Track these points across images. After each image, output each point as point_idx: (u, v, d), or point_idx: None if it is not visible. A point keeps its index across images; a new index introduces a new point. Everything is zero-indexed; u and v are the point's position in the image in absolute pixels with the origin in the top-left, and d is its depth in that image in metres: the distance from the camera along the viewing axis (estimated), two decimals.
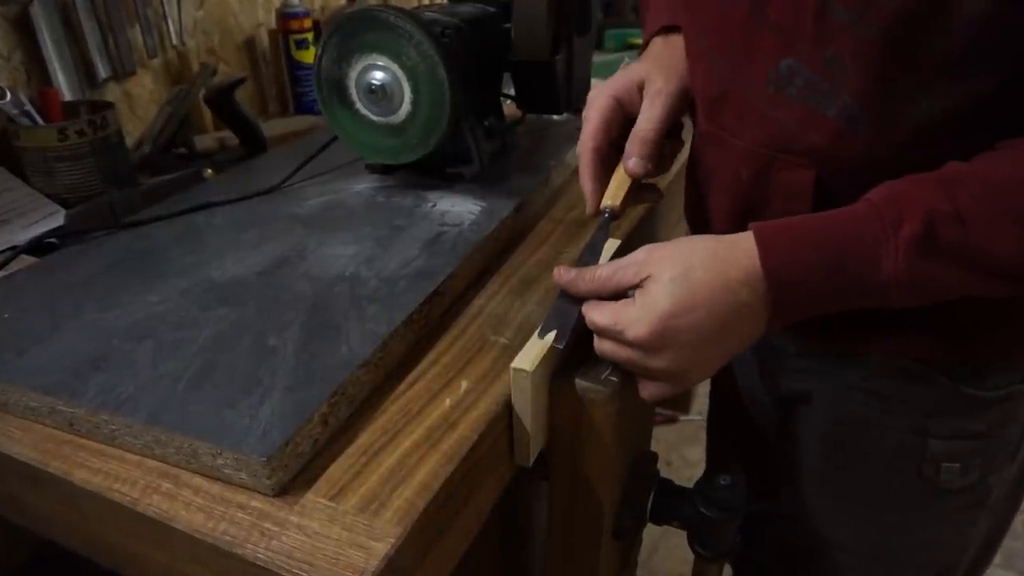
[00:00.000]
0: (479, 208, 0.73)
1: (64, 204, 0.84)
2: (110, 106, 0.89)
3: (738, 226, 0.49)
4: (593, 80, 1.03)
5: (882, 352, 0.57)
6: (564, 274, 0.53)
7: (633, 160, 0.59)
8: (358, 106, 0.74)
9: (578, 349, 0.52)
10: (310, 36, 1.23)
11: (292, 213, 0.74)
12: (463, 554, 0.50)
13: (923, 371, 0.56)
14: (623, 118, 0.61)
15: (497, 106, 0.87)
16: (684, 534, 0.62)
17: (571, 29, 0.84)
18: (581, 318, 0.52)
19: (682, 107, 0.61)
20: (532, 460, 0.54)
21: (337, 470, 0.45)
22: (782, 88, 0.50)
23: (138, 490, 0.45)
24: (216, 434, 0.44)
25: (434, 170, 0.79)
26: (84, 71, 0.99)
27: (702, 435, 0.93)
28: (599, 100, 0.61)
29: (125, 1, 1.02)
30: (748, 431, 0.76)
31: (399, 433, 0.48)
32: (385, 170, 0.81)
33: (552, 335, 0.51)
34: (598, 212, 0.60)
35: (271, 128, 1.08)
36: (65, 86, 0.96)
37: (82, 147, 0.84)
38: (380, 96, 0.72)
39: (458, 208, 0.73)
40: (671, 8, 0.64)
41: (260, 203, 0.77)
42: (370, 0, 1.29)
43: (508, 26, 0.79)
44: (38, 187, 0.85)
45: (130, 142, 0.99)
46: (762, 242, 0.47)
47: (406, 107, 0.72)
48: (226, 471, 0.44)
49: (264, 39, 1.28)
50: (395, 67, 0.70)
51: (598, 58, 1.19)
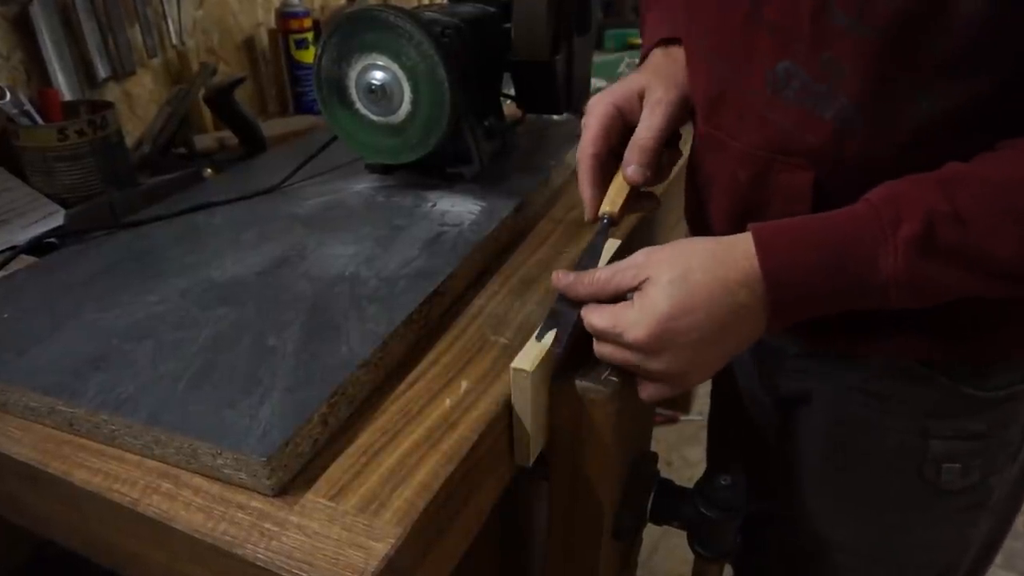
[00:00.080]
0: (479, 208, 0.73)
1: (64, 204, 0.84)
2: (110, 106, 0.89)
3: (738, 228, 0.49)
4: (593, 80, 1.03)
5: (882, 353, 0.57)
6: (562, 278, 0.53)
7: (632, 168, 0.59)
8: (358, 106, 0.74)
9: (578, 349, 0.52)
10: (310, 36, 1.23)
11: (292, 213, 0.74)
12: (463, 554, 0.50)
13: (923, 372, 0.56)
14: (622, 126, 0.61)
15: (497, 106, 0.87)
16: (684, 534, 0.62)
17: (571, 29, 0.84)
18: (579, 321, 0.51)
19: (682, 117, 0.61)
20: (532, 460, 0.54)
21: (337, 470, 0.45)
22: (779, 90, 0.50)
23: (138, 490, 0.45)
24: (216, 434, 0.44)
25: (434, 170, 0.79)
26: (84, 71, 0.99)
27: (702, 435, 0.93)
28: (599, 107, 0.61)
29: (125, 1, 1.02)
30: (748, 431, 0.76)
31: (399, 433, 0.48)
32: (385, 170, 0.81)
33: (550, 338, 0.51)
34: (596, 218, 0.60)
35: (271, 128, 1.08)
36: (65, 86, 0.95)
37: (82, 147, 0.84)
38: (380, 96, 0.72)
39: (458, 208, 0.73)
40: (671, 19, 0.64)
41: (260, 203, 0.77)
42: (370, 0, 1.29)
43: (508, 26, 0.78)
44: (38, 187, 0.85)
45: (130, 142, 0.99)
46: (760, 243, 0.47)
47: (406, 107, 0.72)
48: (226, 471, 0.44)
49: (264, 39, 1.28)
50: (395, 67, 0.70)
51: (598, 58, 1.19)
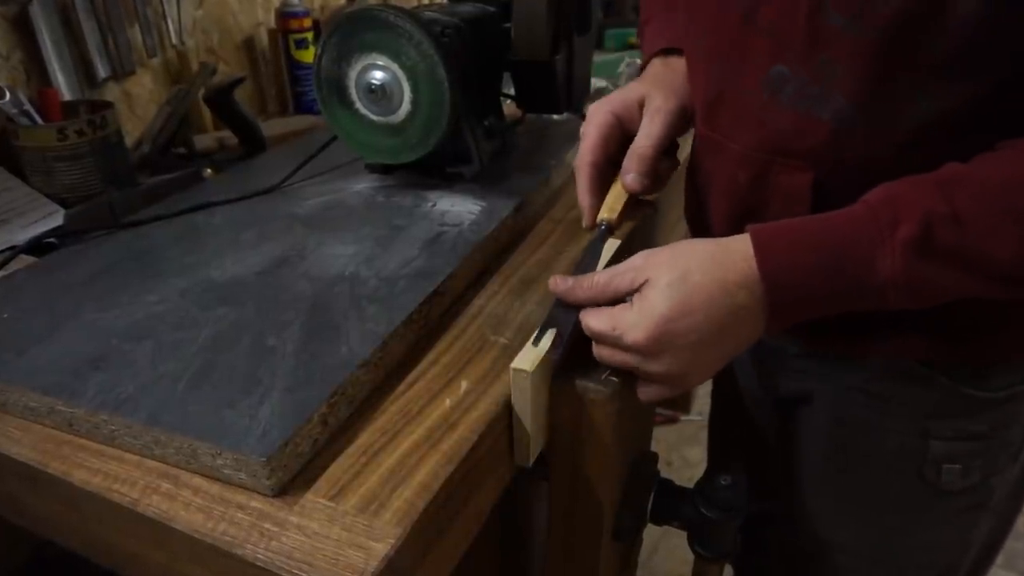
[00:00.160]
0: (479, 208, 0.73)
1: (63, 204, 0.84)
2: (109, 106, 0.89)
3: (738, 229, 0.49)
4: (593, 80, 1.03)
5: (881, 354, 0.57)
6: (560, 283, 0.53)
7: (631, 176, 0.59)
8: (358, 106, 0.74)
9: (578, 350, 0.52)
10: (310, 35, 1.23)
11: (291, 213, 0.74)
12: (463, 554, 0.50)
13: (924, 373, 0.56)
14: (621, 135, 0.61)
15: (497, 106, 0.87)
16: (684, 534, 0.62)
17: (571, 28, 0.84)
18: (577, 325, 0.51)
19: (681, 126, 0.61)
20: (532, 460, 0.54)
21: (337, 470, 0.45)
22: (775, 94, 0.51)
23: (137, 490, 0.44)
24: (216, 434, 0.44)
25: (434, 170, 0.79)
26: (83, 71, 0.99)
27: (703, 435, 0.93)
28: (598, 116, 0.61)
29: (124, 1, 1.02)
30: (749, 432, 0.76)
31: (399, 433, 0.48)
32: (385, 170, 0.81)
33: (547, 343, 0.51)
34: (594, 225, 0.60)
35: (270, 128, 1.08)
36: (64, 86, 0.95)
37: (81, 147, 0.84)
38: (380, 96, 0.72)
39: (458, 208, 0.73)
40: (671, 29, 0.65)
41: (259, 203, 0.77)
42: (370, 0, 1.29)
43: (508, 26, 0.78)
44: (37, 187, 0.85)
45: (129, 142, 0.99)
46: (759, 245, 0.47)
47: (406, 107, 0.72)
48: (225, 471, 0.44)
49: (264, 38, 1.28)
50: (395, 67, 0.70)
51: (598, 58, 1.19)
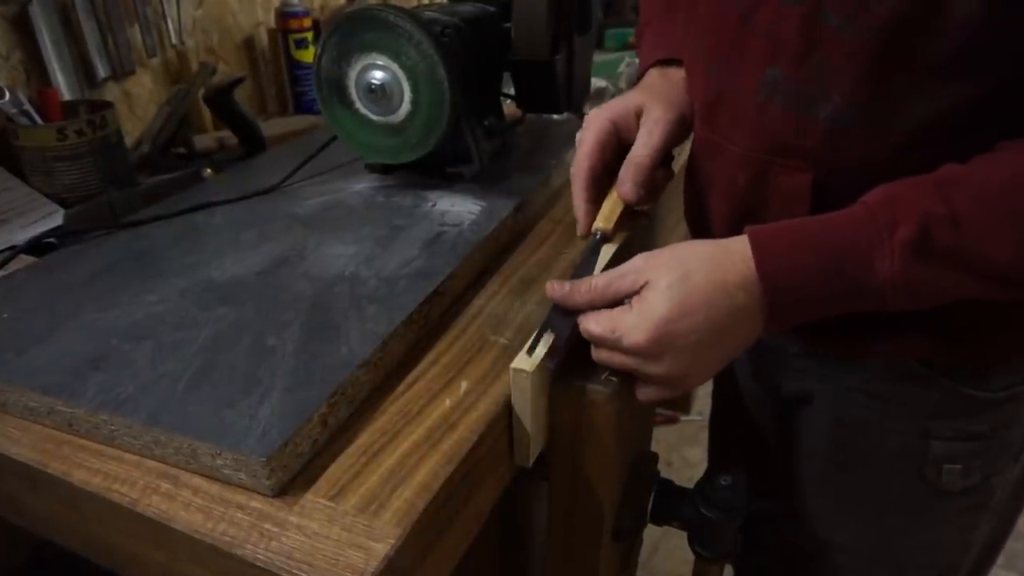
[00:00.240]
0: (479, 208, 0.73)
1: (63, 204, 0.84)
2: (109, 106, 0.89)
3: (738, 230, 0.49)
4: (593, 80, 1.03)
5: (882, 354, 0.57)
6: (558, 288, 0.51)
7: (628, 185, 0.58)
8: (358, 106, 0.74)
9: (578, 350, 0.52)
10: (309, 35, 1.23)
11: (291, 213, 0.74)
12: (463, 554, 0.50)
13: (924, 373, 0.56)
14: (618, 143, 0.61)
15: (497, 106, 0.87)
16: (684, 535, 0.62)
17: (571, 28, 0.84)
18: (574, 330, 0.51)
19: (678, 137, 0.61)
20: (532, 460, 0.54)
21: (337, 470, 0.45)
22: (770, 96, 0.51)
23: (137, 490, 0.44)
24: (215, 434, 0.44)
25: (434, 170, 0.79)
26: (83, 71, 0.99)
27: (703, 436, 0.93)
28: (596, 123, 0.61)
29: (124, 1, 1.02)
30: (750, 432, 0.76)
31: (399, 434, 0.48)
32: (385, 170, 0.81)
33: (542, 351, 0.50)
34: (589, 233, 0.59)
35: (270, 128, 1.08)
36: (64, 86, 0.95)
37: (81, 147, 0.84)
38: (380, 96, 0.72)
39: (458, 208, 0.73)
40: (669, 39, 0.65)
41: (259, 203, 0.77)
42: (370, 0, 1.29)
43: (508, 25, 0.78)
44: (37, 187, 0.85)
45: (129, 142, 0.99)
46: (757, 247, 0.47)
47: (406, 107, 0.72)
48: (225, 471, 0.44)
49: (263, 38, 1.28)
50: (395, 66, 0.70)
51: (598, 57, 1.19)
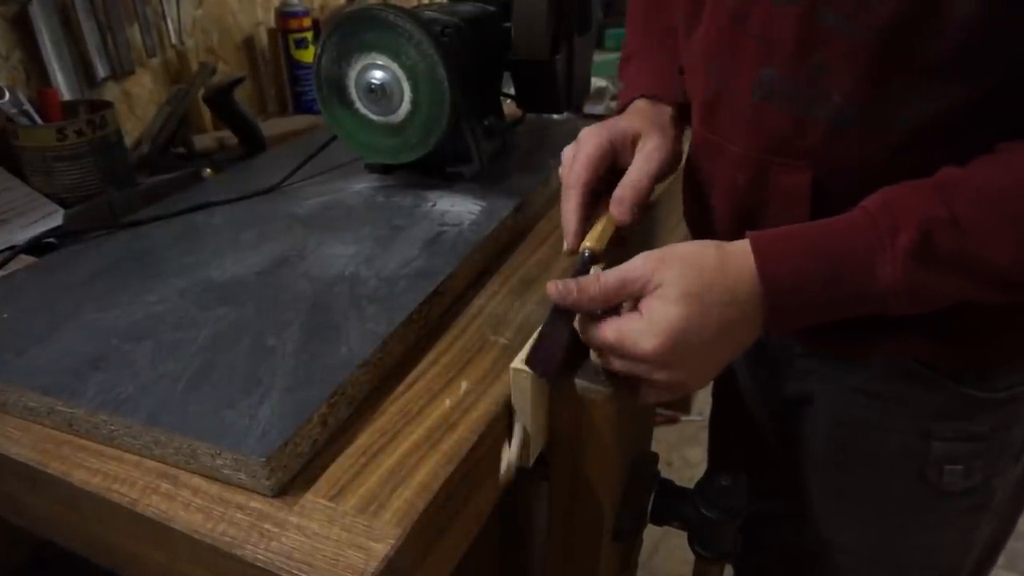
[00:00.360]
0: (479, 208, 0.73)
1: (63, 204, 0.84)
2: (109, 106, 0.89)
3: (738, 230, 0.49)
4: (593, 79, 1.03)
5: (883, 355, 0.57)
6: (560, 288, 0.48)
7: (628, 206, 0.57)
8: (358, 105, 0.74)
9: (578, 350, 0.52)
10: (309, 35, 1.23)
11: (291, 213, 0.74)
12: (463, 554, 0.50)
13: (925, 373, 0.56)
14: (611, 164, 0.61)
15: (497, 106, 0.87)
16: (685, 535, 0.61)
17: (571, 28, 0.84)
18: (573, 334, 0.50)
19: (671, 169, 0.62)
20: (532, 460, 0.54)
21: (337, 471, 0.45)
22: (766, 96, 0.51)
23: (137, 490, 0.44)
24: (215, 434, 0.44)
25: (434, 170, 0.79)
26: (83, 70, 0.99)
27: (703, 436, 0.93)
28: (594, 139, 0.60)
29: (124, 0, 1.02)
30: (750, 432, 0.76)
31: (399, 434, 0.48)
32: (385, 170, 0.81)
33: (534, 360, 0.48)
34: (577, 251, 0.57)
35: (270, 127, 1.08)
36: (64, 85, 0.95)
37: (81, 147, 0.84)
38: (380, 95, 0.71)
39: (458, 208, 0.73)
40: (655, 73, 0.65)
41: (259, 203, 0.77)
42: (370, 0, 1.29)
43: (508, 25, 0.78)
44: (37, 187, 0.85)
45: (129, 142, 0.99)
46: (759, 252, 0.46)
47: (406, 106, 0.72)
48: (225, 471, 0.44)
49: (263, 38, 1.27)
50: (395, 66, 0.70)
51: (598, 57, 1.19)
